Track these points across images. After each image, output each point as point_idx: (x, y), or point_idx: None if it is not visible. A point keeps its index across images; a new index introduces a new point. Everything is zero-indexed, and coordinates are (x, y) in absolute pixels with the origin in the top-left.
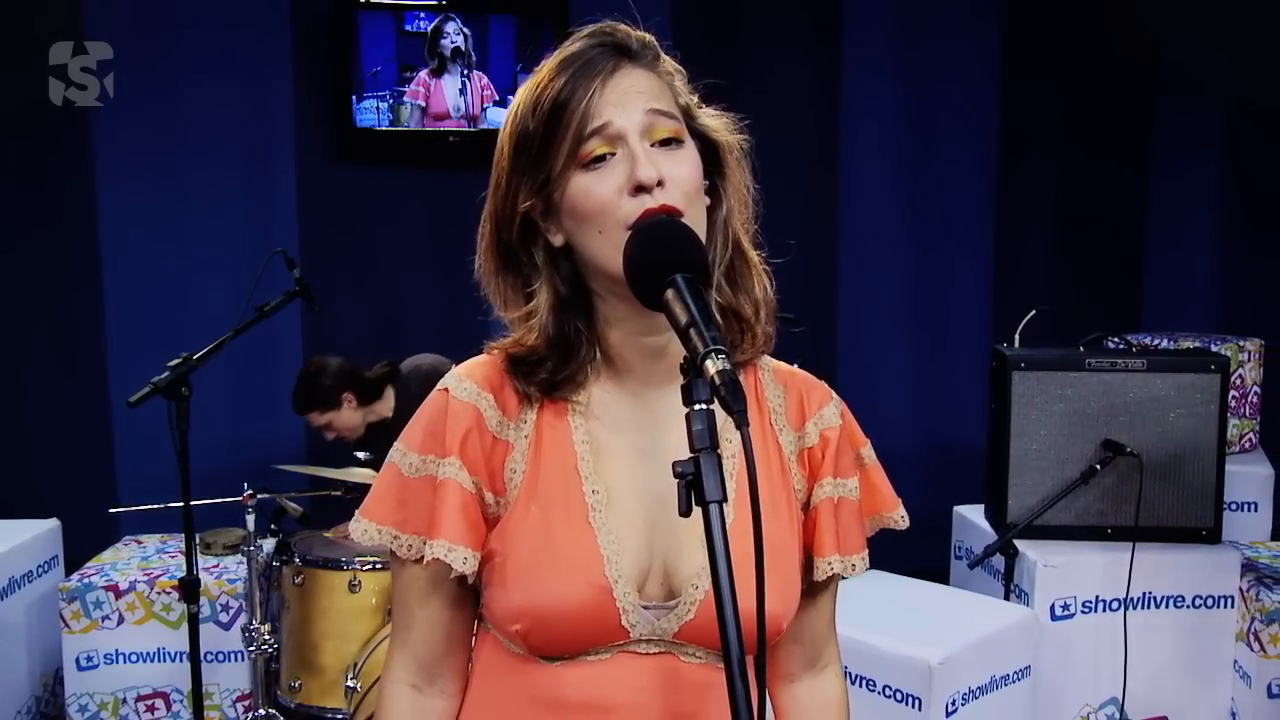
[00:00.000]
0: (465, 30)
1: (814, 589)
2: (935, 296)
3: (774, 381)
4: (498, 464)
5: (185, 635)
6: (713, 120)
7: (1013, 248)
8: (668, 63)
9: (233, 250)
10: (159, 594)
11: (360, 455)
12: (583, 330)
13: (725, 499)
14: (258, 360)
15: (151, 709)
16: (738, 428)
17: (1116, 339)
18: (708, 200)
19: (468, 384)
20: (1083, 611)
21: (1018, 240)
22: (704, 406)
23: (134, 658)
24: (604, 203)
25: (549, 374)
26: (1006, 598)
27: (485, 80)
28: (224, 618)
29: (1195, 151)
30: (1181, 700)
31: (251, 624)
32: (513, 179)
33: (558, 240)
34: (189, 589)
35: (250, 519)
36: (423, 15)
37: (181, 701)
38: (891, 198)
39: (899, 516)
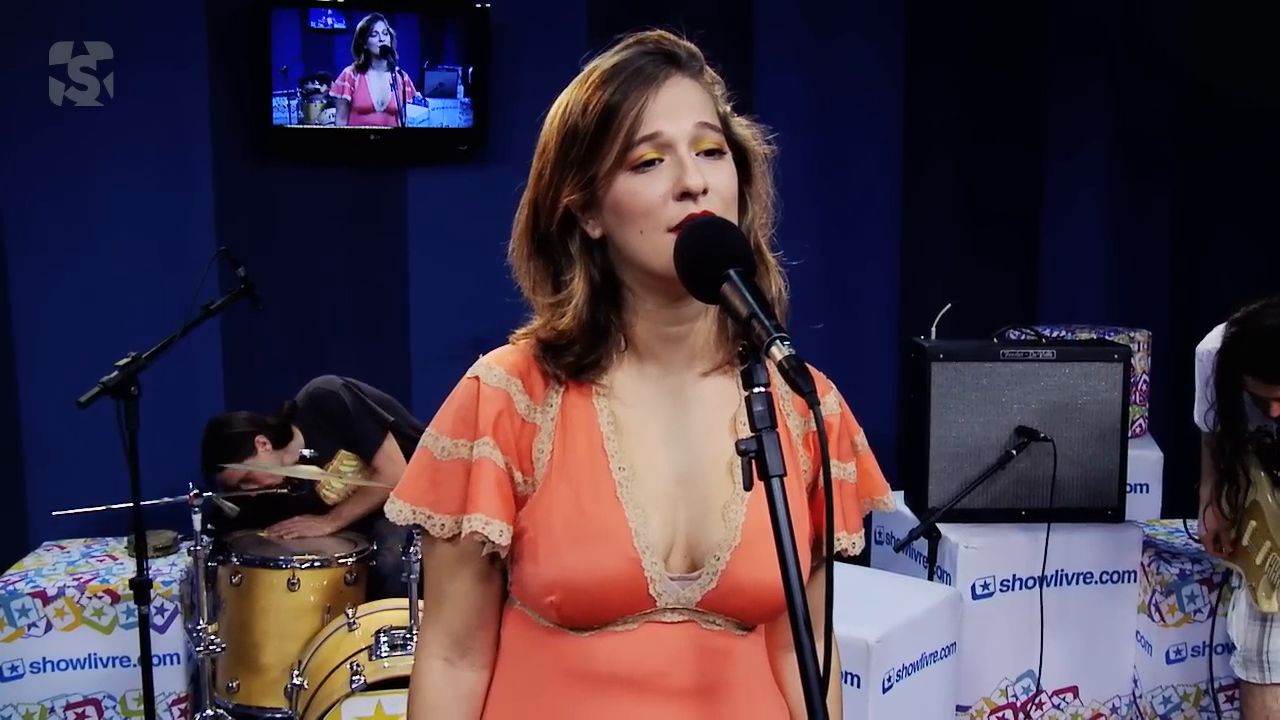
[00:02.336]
0: (392, 30)
1: (816, 564)
2: (843, 290)
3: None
4: (525, 445)
5: (118, 640)
6: (744, 130)
7: (918, 241)
8: (709, 73)
9: (148, 251)
10: (90, 599)
11: (306, 453)
12: (613, 319)
13: (785, 473)
14: (174, 361)
15: (82, 717)
16: (810, 407)
17: (1022, 330)
18: None
19: (497, 370)
20: (1001, 590)
21: (923, 234)
22: (764, 389)
23: (63, 665)
24: (650, 205)
25: (576, 358)
26: (930, 579)
27: (407, 78)
28: (159, 620)
29: (1084, 145)
30: (1090, 670)
31: (199, 624)
32: (556, 172)
33: (595, 233)
34: (140, 590)
35: (196, 519)
36: (330, 13)
37: (114, 708)
38: (801, 193)
39: (889, 499)
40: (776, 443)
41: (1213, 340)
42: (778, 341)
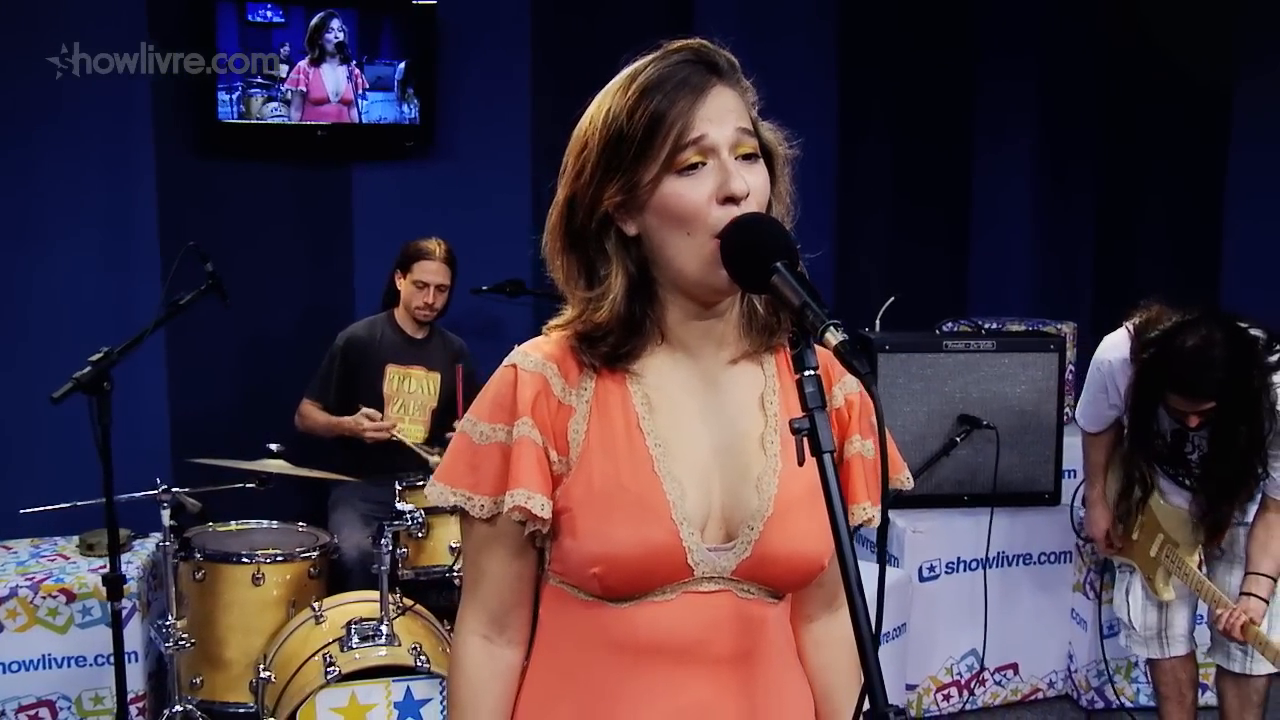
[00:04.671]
0: (345, 28)
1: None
2: None
3: (792, 357)
4: (561, 426)
5: (74, 640)
6: (771, 134)
7: (852, 237)
8: (744, 81)
9: (90, 247)
10: (44, 599)
11: (273, 447)
12: (648, 312)
13: (835, 449)
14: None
15: (35, 719)
16: (867, 388)
17: (960, 321)
18: None
19: (534, 355)
20: (946, 572)
21: (857, 230)
22: (814, 371)
23: (15, 667)
24: (696, 208)
25: (611, 348)
26: (879, 562)
27: (358, 72)
28: None
29: (1011, 143)
30: (1029, 647)
31: (167, 620)
32: (597, 174)
33: (631, 231)
34: (113, 585)
35: (165, 514)
36: (268, 6)
37: (69, 709)
38: None
39: (905, 478)
40: (827, 421)
41: (1115, 350)
42: (831, 328)
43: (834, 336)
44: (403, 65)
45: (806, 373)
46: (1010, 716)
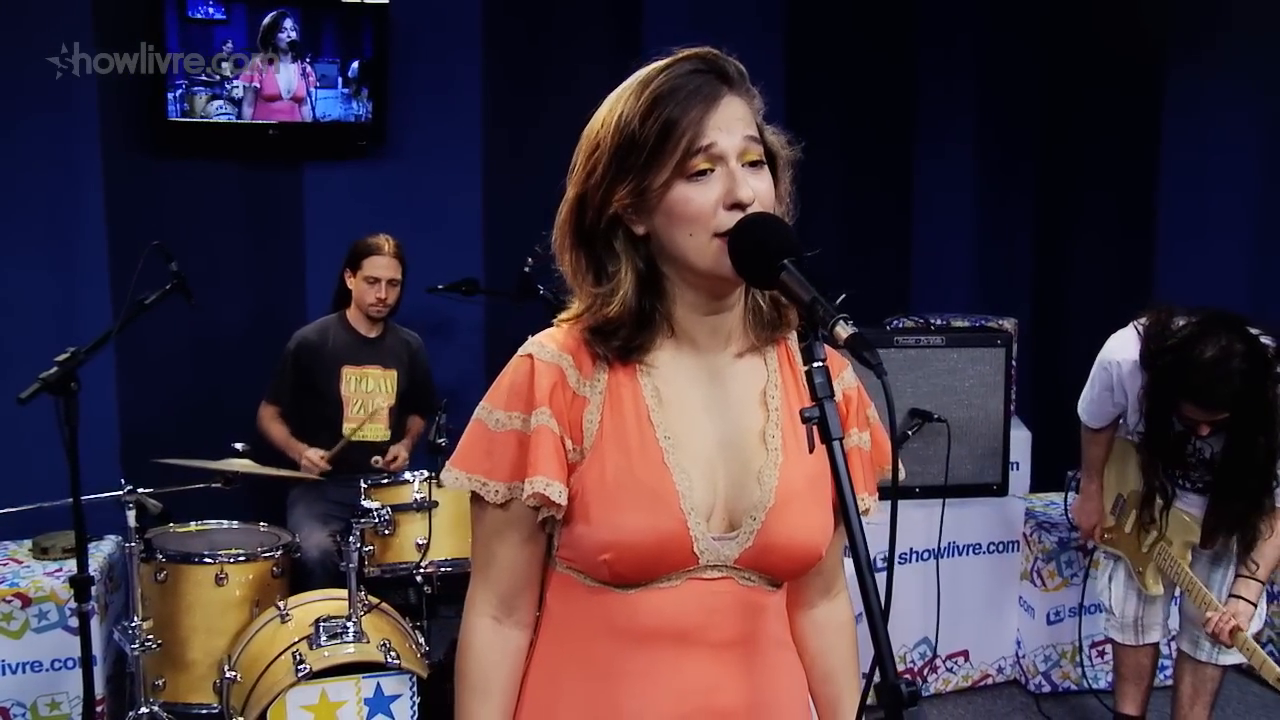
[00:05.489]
0: (297, 26)
1: (834, 525)
2: None
3: (801, 349)
4: (576, 416)
5: (29, 645)
6: (774, 139)
7: (799, 235)
8: (752, 89)
9: (36, 249)
10: None
11: (238, 446)
12: (657, 307)
13: (843, 437)
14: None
15: None
16: (878, 377)
17: (906, 318)
18: None
19: (550, 347)
20: (899, 563)
21: (801, 228)
22: (823, 363)
23: None
24: (703, 212)
25: (623, 341)
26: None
27: (310, 69)
28: (74, 622)
29: (952, 144)
30: (979, 634)
31: (132, 621)
32: (608, 176)
33: (640, 231)
34: (80, 587)
35: (130, 515)
36: (210, 3)
37: (24, 715)
38: None
39: (900, 469)
40: (835, 411)
41: (1124, 351)
42: (841, 321)
43: (844, 330)
44: (355, 64)
45: (815, 364)
46: (961, 702)
